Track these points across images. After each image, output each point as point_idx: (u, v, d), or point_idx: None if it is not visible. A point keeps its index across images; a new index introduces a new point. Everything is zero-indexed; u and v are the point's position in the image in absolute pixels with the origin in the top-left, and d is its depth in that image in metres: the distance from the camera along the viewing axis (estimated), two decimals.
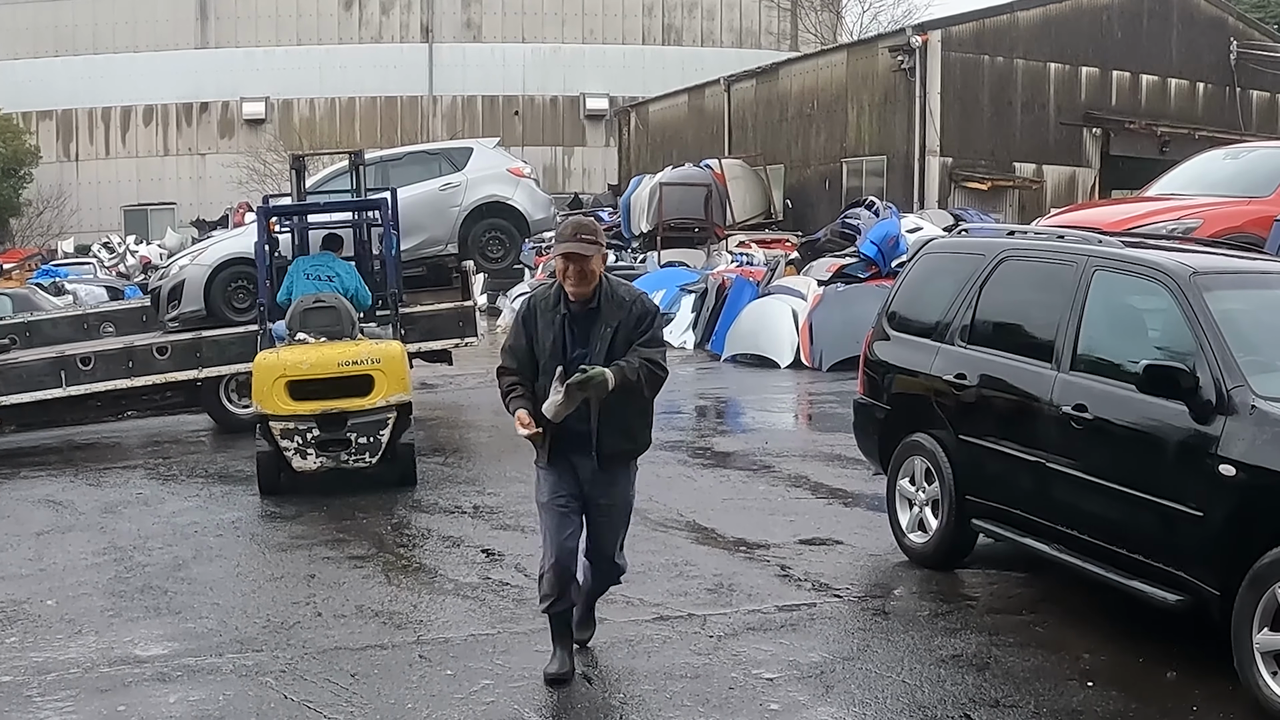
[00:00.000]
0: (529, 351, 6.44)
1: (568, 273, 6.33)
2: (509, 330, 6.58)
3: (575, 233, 6.33)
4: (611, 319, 6.39)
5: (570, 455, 6.50)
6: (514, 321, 6.55)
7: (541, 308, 6.46)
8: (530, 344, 6.44)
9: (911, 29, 30.15)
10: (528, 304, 6.55)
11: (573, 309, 6.41)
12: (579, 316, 6.41)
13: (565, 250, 6.30)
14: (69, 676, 6.90)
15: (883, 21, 55.31)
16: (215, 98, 52.27)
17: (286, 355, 11.69)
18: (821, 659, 6.90)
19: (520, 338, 6.47)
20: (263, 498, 11.62)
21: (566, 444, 6.47)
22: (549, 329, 6.41)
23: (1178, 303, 6.76)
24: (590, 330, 6.39)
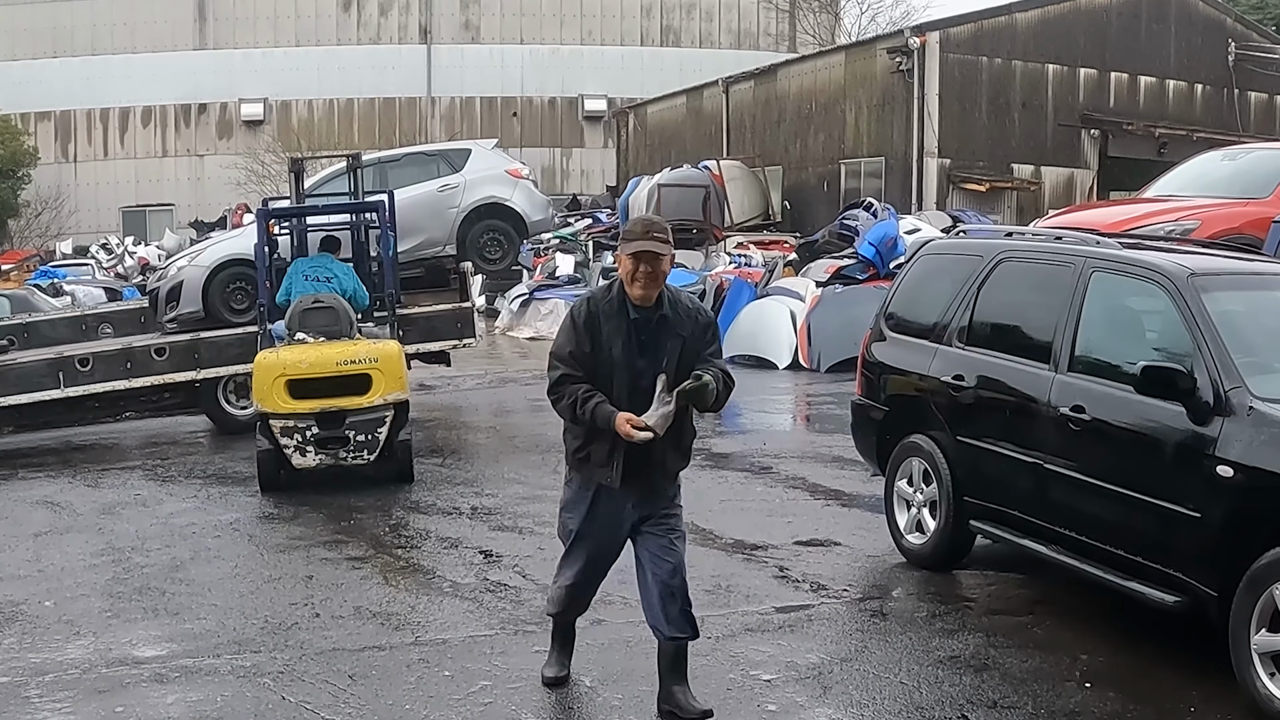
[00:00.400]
0: (591, 359, 5.87)
1: (637, 274, 5.81)
2: (564, 336, 5.95)
3: (647, 230, 5.87)
4: (681, 328, 5.94)
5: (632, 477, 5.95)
6: (568, 326, 5.94)
7: (605, 312, 5.90)
8: (593, 351, 5.88)
9: (909, 30, 30.17)
10: (586, 308, 5.94)
11: (641, 315, 5.90)
12: (647, 323, 5.90)
13: (638, 249, 5.79)
14: (67, 677, 6.90)
15: (881, 23, 55.44)
16: (213, 99, 52.28)
17: (286, 355, 11.84)
18: (819, 660, 6.90)
19: (583, 343, 5.87)
20: (262, 496, 11.67)
21: (632, 464, 5.92)
22: (617, 335, 5.87)
23: (1175, 304, 6.77)
24: (660, 339, 5.90)
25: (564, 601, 6.35)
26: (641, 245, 5.79)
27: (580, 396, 5.80)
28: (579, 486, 6.11)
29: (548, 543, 9.44)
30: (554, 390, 5.92)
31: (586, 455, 5.97)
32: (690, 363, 5.88)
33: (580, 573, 6.21)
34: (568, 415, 5.90)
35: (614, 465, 5.89)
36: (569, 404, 5.83)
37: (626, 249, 5.83)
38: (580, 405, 5.79)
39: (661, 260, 5.81)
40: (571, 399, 5.82)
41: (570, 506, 6.18)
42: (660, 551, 6.02)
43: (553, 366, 5.95)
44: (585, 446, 5.97)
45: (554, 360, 5.95)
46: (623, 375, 5.85)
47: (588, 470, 6.01)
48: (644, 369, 5.85)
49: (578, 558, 6.19)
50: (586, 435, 5.92)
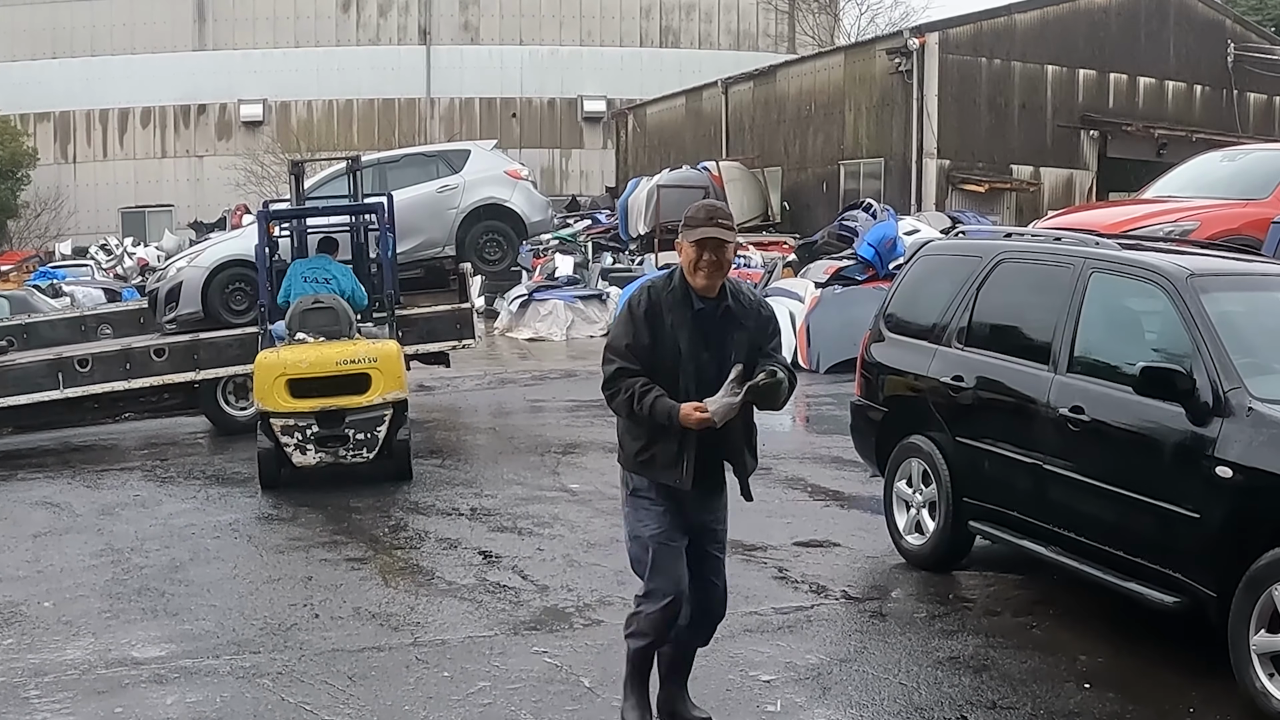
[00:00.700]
0: (651, 352, 5.50)
1: (700, 263, 5.49)
2: (621, 328, 5.58)
3: (710, 216, 5.55)
4: (745, 320, 5.64)
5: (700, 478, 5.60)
6: (626, 318, 5.57)
7: (667, 303, 5.54)
8: (653, 344, 5.52)
9: (909, 31, 30.16)
10: (646, 297, 5.57)
11: (705, 306, 5.58)
12: (711, 315, 5.58)
13: (702, 236, 5.48)
14: (66, 678, 6.90)
15: (880, 24, 55.37)
16: (213, 100, 52.22)
17: (286, 354, 11.98)
18: (819, 661, 6.90)
19: (643, 335, 5.50)
20: (262, 496, 11.72)
21: (701, 463, 5.57)
22: (682, 327, 5.53)
23: (1174, 305, 6.77)
24: (725, 332, 5.58)
25: (659, 624, 5.67)
26: (706, 232, 5.49)
27: (637, 390, 5.43)
28: (645, 490, 5.66)
29: (547, 543, 9.48)
30: (609, 385, 5.54)
31: (651, 457, 5.58)
32: (752, 358, 5.55)
33: (674, 583, 5.63)
34: (624, 411, 5.51)
35: (682, 465, 5.53)
36: (625, 399, 5.46)
37: (689, 236, 5.51)
38: (638, 400, 5.42)
39: (726, 248, 5.55)
40: (629, 393, 5.45)
41: (641, 515, 5.70)
42: (711, 573, 5.82)
43: (608, 360, 5.57)
44: (649, 447, 5.58)
45: (609, 354, 5.57)
46: (688, 369, 5.50)
47: (652, 472, 5.60)
48: (707, 363, 5.52)
49: (665, 568, 5.62)
50: (650, 434, 5.54)
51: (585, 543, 9.53)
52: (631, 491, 5.71)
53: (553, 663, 6.92)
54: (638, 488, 5.67)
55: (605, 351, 5.59)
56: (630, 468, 5.69)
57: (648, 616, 5.65)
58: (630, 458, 5.67)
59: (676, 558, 5.63)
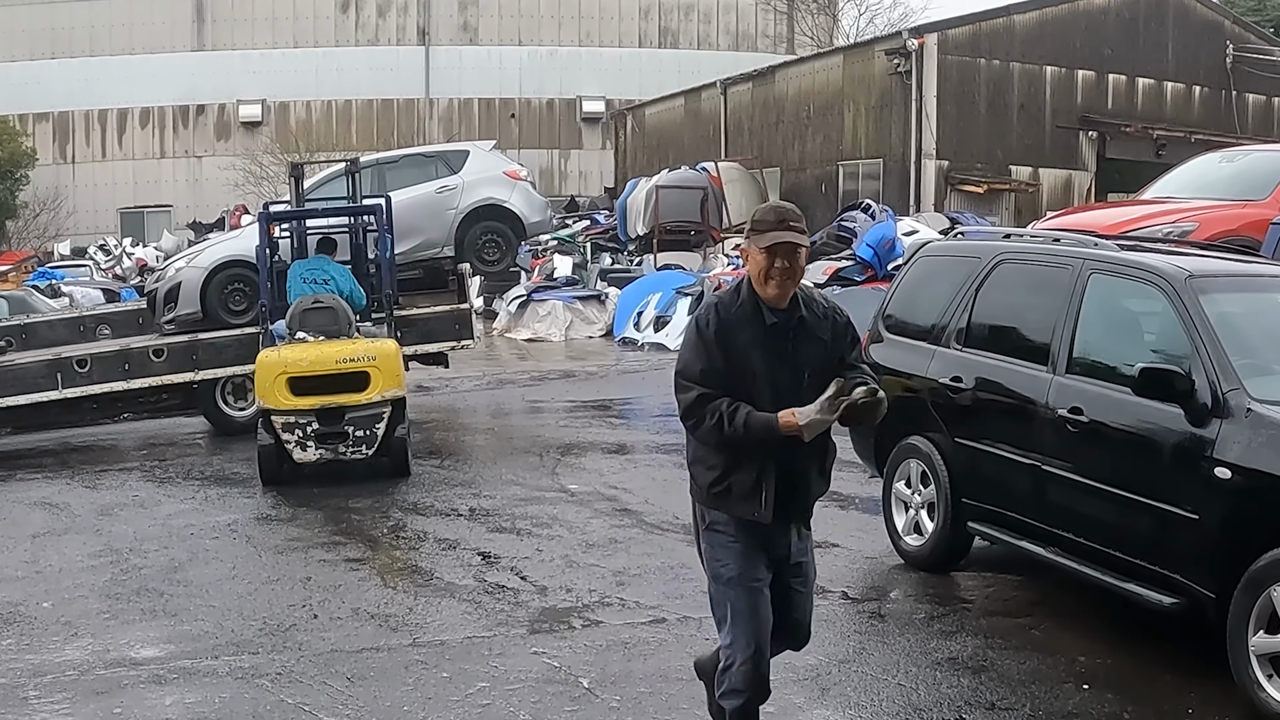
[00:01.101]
0: (725, 375, 4.99)
1: (771, 271, 4.98)
2: (691, 352, 5.08)
3: (781, 218, 5.02)
4: (821, 331, 5.15)
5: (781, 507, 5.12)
6: (695, 341, 5.07)
7: (737, 320, 5.04)
8: (727, 367, 5.00)
9: (908, 32, 30.15)
10: (715, 316, 5.06)
11: (778, 319, 5.08)
12: (785, 328, 5.08)
13: (774, 241, 4.97)
14: (65, 679, 6.90)
15: (879, 25, 55.37)
16: (212, 100, 52.18)
17: (287, 353, 12.17)
18: (817, 661, 6.90)
19: (715, 358, 5.00)
20: (261, 495, 11.79)
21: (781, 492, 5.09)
22: (755, 345, 5.03)
23: (1173, 306, 6.78)
24: (800, 346, 5.09)
25: (751, 677, 5.14)
26: (778, 236, 4.97)
27: (725, 411, 4.92)
28: (722, 525, 5.17)
29: (545, 544, 9.49)
30: (692, 413, 5.02)
31: (727, 488, 5.08)
32: (832, 371, 5.05)
33: (758, 633, 5.14)
34: (713, 437, 4.98)
35: (762, 496, 5.05)
36: (714, 424, 4.94)
37: (760, 241, 5.00)
38: (728, 421, 4.91)
39: (800, 253, 5.04)
40: (715, 416, 4.93)
41: (719, 553, 5.20)
42: (796, 612, 5.36)
43: (683, 388, 5.06)
44: (725, 477, 5.08)
45: (684, 381, 5.07)
46: (764, 391, 4.99)
47: (728, 505, 5.11)
48: (785, 382, 5.02)
49: (748, 613, 5.13)
50: (725, 463, 5.06)
51: (584, 543, 9.53)
52: (708, 526, 5.24)
53: (551, 663, 6.92)
54: (714, 521, 5.20)
55: (678, 379, 5.10)
56: (704, 501, 5.22)
57: (739, 670, 5.13)
58: (704, 490, 5.18)
59: (760, 602, 5.15)
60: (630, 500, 10.97)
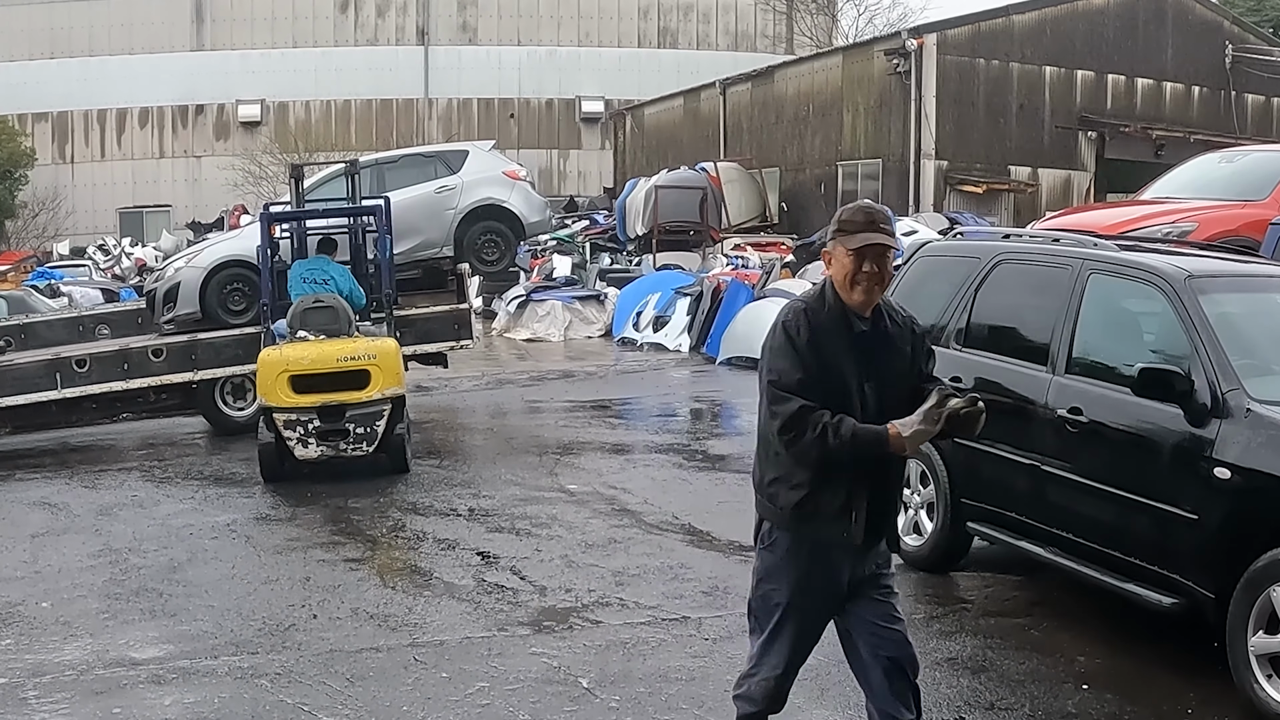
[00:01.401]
0: (820, 385, 4.66)
1: (859, 275, 4.71)
2: (785, 359, 4.71)
3: (870, 219, 4.76)
4: (903, 340, 4.89)
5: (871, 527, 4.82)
6: (788, 348, 4.71)
7: (827, 325, 4.74)
8: (821, 376, 4.69)
9: (907, 32, 30.17)
10: (806, 321, 4.73)
11: (865, 326, 4.80)
12: (871, 337, 4.79)
13: (863, 243, 4.70)
14: (64, 679, 6.89)
15: (878, 25, 55.41)
16: (210, 100, 52.21)
17: (289, 351, 12.31)
18: (816, 661, 6.85)
19: (811, 367, 4.67)
20: (261, 493, 11.84)
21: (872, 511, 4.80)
22: (844, 353, 4.73)
23: (1173, 306, 6.77)
24: (885, 357, 4.81)
25: (770, 693, 5.02)
26: (867, 238, 4.70)
27: (829, 424, 4.58)
28: (788, 548, 4.85)
29: (545, 544, 9.48)
30: (793, 426, 4.64)
31: (814, 508, 4.73)
32: (913, 384, 4.85)
33: (789, 658, 4.98)
34: (815, 451, 4.62)
35: (853, 516, 4.73)
36: (817, 436, 4.59)
37: (848, 243, 4.73)
38: (833, 434, 4.58)
39: (889, 257, 4.77)
40: (819, 428, 4.58)
41: (773, 574, 4.90)
42: (882, 619, 4.94)
43: (780, 399, 4.69)
44: (812, 497, 4.74)
45: (779, 391, 4.70)
46: (854, 402, 4.70)
47: (814, 526, 4.77)
48: (870, 394, 4.74)
49: (786, 637, 4.94)
50: (813, 481, 4.72)
51: (583, 543, 9.53)
52: (768, 545, 4.93)
53: (551, 663, 6.92)
54: (777, 542, 4.89)
55: (773, 389, 4.72)
56: (785, 524, 4.84)
57: (759, 682, 4.99)
58: (786, 511, 4.80)
59: (811, 631, 4.97)
60: (629, 500, 10.97)
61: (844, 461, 4.65)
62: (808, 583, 4.84)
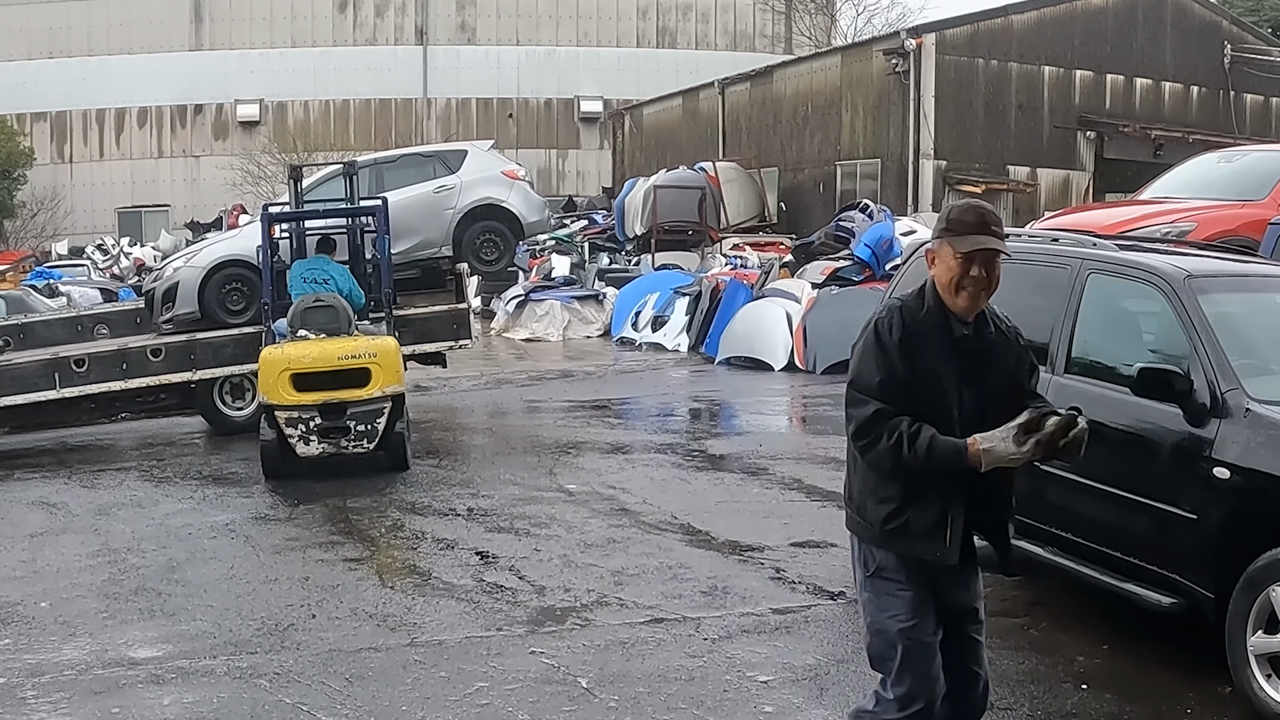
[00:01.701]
0: (907, 391, 4.40)
1: (965, 280, 4.47)
2: (869, 359, 4.47)
3: (983, 221, 4.51)
4: (1007, 351, 4.63)
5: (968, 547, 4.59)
6: (875, 348, 4.48)
7: (925, 327, 4.48)
8: (910, 381, 4.41)
9: (906, 32, 30.16)
10: (900, 321, 4.49)
11: (967, 332, 4.54)
12: (972, 344, 4.53)
13: (973, 248, 4.46)
14: (63, 678, 6.89)
15: (877, 25, 55.39)
16: (209, 100, 52.18)
17: (291, 350, 12.45)
18: (816, 661, 6.90)
19: (897, 369, 4.41)
20: (261, 491, 11.90)
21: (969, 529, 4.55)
22: (941, 359, 4.46)
23: (1172, 306, 6.77)
24: (986, 366, 4.53)
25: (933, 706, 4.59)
26: (979, 242, 4.45)
27: (906, 432, 4.31)
28: (892, 570, 4.55)
29: (543, 544, 9.48)
30: (866, 431, 4.40)
31: (904, 523, 4.46)
32: (1013, 398, 4.54)
33: (927, 689, 4.55)
34: (889, 460, 4.37)
35: (946, 533, 4.45)
36: (892, 445, 4.33)
37: (957, 245, 4.47)
38: (909, 443, 4.30)
39: (998, 262, 4.51)
40: (894, 436, 4.32)
41: (886, 602, 4.57)
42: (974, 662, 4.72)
43: (858, 401, 4.44)
44: (902, 511, 4.46)
45: (858, 393, 4.46)
46: (949, 412, 4.42)
47: (905, 543, 4.49)
48: (968, 405, 4.45)
49: (917, 670, 4.52)
50: (903, 495, 4.45)
51: (582, 543, 9.53)
52: (873, 571, 4.59)
53: (550, 663, 6.92)
54: (882, 566, 4.56)
55: (850, 390, 4.50)
56: (873, 540, 4.57)
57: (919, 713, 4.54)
58: (875, 526, 4.54)
59: (931, 656, 4.54)
60: (628, 500, 10.97)
61: (922, 475, 4.36)
62: (917, 603, 4.53)
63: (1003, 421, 4.33)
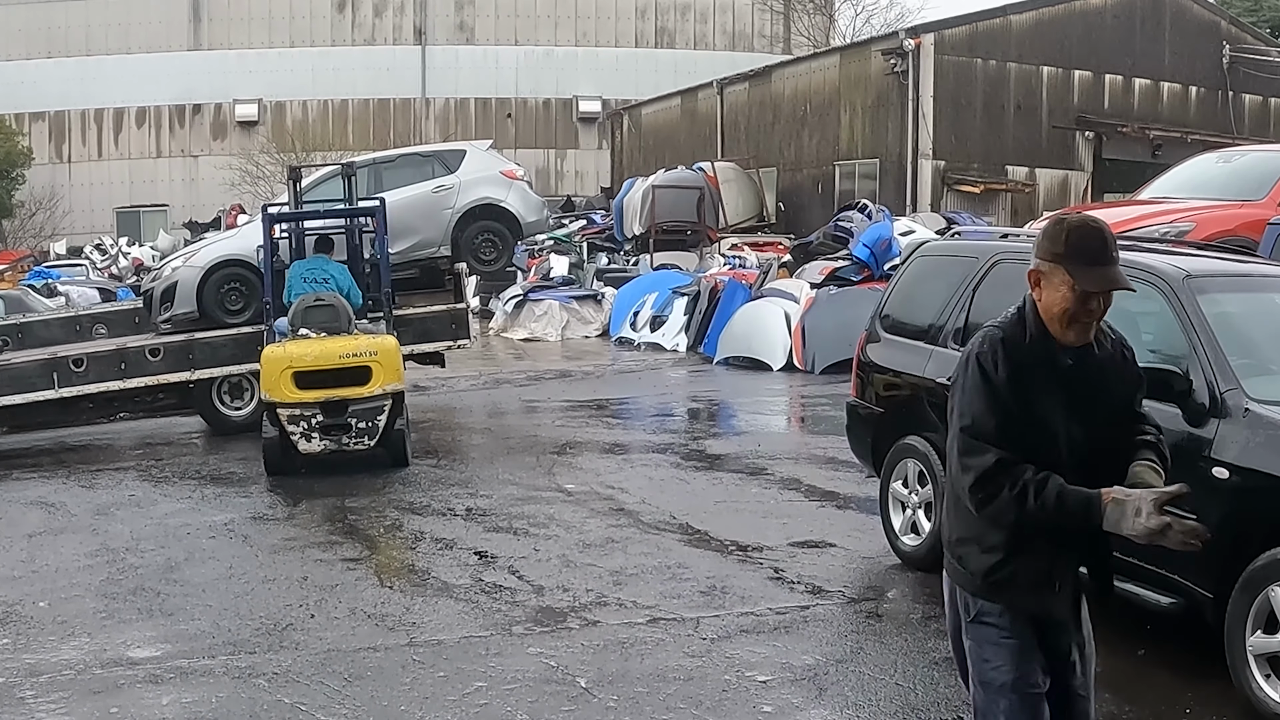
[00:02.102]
0: (1021, 431, 3.94)
1: (1081, 313, 3.96)
2: (982, 399, 3.97)
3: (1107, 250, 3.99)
4: (1116, 371, 4.13)
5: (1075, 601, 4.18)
6: (982, 386, 3.99)
7: (1029, 359, 3.99)
8: (1023, 420, 3.96)
9: (904, 32, 30.14)
10: (1004, 354, 4.00)
11: (1075, 361, 4.02)
12: (1078, 372, 4.02)
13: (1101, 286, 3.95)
14: (61, 678, 6.88)
15: (875, 25, 55.38)
16: (208, 100, 52.15)
17: (293, 348, 12.62)
18: (815, 661, 6.90)
19: (1010, 410, 3.94)
20: (261, 488, 11.98)
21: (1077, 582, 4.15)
22: (1048, 391, 3.98)
23: (1171, 306, 6.77)
24: (1096, 392, 4.05)
25: None
26: (1107, 278, 3.95)
27: (1032, 481, 3.84)
28: (993, 617, 4.12)
29: (542, 544, 9.48)
30: (987, 483, 3.92)
31: (1009, 575, 4.04)
32: (1123, 421, 4.15)
33: None
34: (1010, 513, 3.91)
35: (1056, 586, 4.05)
36: (1015, 496, 3.87)
37: (1080, 279, 3.92)
38: (1036, 494, 3.84)
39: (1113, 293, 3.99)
40: (1020, 487, 3.86)
41: (989, 652, 4.13)
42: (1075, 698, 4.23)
43: (974, 450, 3.96)
44: (1007, 562, 4.04)
45: (974, 439, 3.97)
46: (1060, 451, 3.98)
47: (1010, 595, 4.07)
48: (1078, 440, 4.00)
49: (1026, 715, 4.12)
50: (1009, 544, 4.02)
51: (581, 543, 9.52)
52: (974, 617, 4.18)
53: (549, 663, 6.91)
54: (983, 612, 4.16)
55: (965, 438, 3.99)
56: (975, 589, 4.16)
57: None
58: (978, 576, 4.13)
59: (1038, 711, 4.13)
60: (627, 500, 10.97)
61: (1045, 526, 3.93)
62: (1023, 653, 4.10)
63: (1110, 449, 4.01)
